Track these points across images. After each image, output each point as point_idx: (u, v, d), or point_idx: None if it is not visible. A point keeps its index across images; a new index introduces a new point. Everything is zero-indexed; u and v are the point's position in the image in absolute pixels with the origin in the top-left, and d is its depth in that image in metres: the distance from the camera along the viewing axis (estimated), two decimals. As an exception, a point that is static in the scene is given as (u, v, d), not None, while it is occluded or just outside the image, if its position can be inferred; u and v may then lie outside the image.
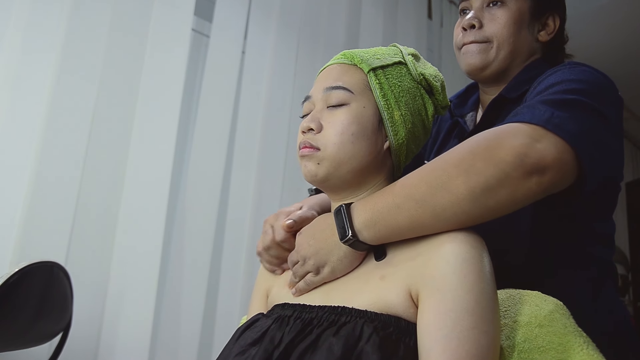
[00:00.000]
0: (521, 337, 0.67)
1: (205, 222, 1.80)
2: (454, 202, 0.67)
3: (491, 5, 1.05)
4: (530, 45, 1.06)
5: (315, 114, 0.79)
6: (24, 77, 1.44)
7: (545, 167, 0.68)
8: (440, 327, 0.62)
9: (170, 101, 1.72)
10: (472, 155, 0.69)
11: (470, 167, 0.68)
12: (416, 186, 0.70)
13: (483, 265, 0.66)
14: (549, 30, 1.07)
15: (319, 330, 0.66)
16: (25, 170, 1.41)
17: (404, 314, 0.67)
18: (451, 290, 0.63)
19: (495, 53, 1.03)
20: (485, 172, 0.67)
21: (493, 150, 0.68)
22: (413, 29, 2.69)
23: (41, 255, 1.27)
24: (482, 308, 0.63)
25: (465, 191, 0.67)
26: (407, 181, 0.73)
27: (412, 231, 0.71)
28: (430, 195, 0.68)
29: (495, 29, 1.03)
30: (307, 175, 0.77)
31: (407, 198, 0.70)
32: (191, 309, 1.72)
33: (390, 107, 0.78)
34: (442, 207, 0.68)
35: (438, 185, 0.69)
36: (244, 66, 2.00)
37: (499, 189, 0.67)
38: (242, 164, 1.93)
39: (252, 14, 2.05)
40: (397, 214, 0.70)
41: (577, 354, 0.63)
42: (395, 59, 0.83)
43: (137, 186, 1.62)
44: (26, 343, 1.19)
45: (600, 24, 3.24)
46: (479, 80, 1.12)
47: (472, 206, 0.68)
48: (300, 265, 0.77)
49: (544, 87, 0.85)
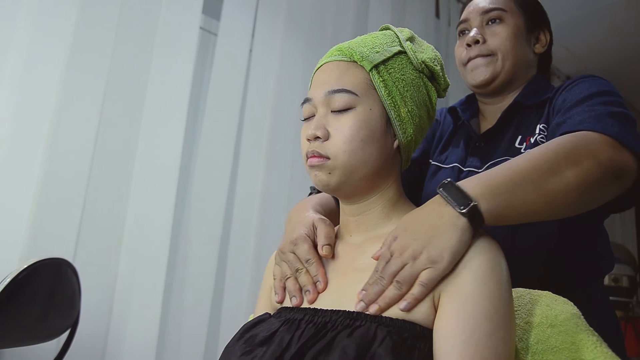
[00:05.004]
0: (534, 339, 0.67)
1: (212, 221, 1.80)
2: (564, 192, 0.72)
3: (490, 23, 1.14)
4: (528, 57, 1.15)
5: (320, 120, 0.75)
6: (32, 75, 1.44)
7: (625, 175, 0.79)
8: (458, 332, 0.61)
9: (178, 99, 1.73)
10: (576, 152, 0.75)
11: (578, 162, 0.74)
12: (529, 171, 0.72)
13: (502, 273, 0.65)
14: (542, 43, 1.18)
15: (334, 333, 0.64)
16: (33, 167, 1.41)
17: (423, 320, 0.65)
18: (472, 297, 0.63)
19: (502, 64, 1.11)
20: (591, 169, 0.74)
21: (594, 152, 0.76)
22: (421, 28, 2.68)
23: (49, 252, 1.27)
24: (500, 315, 0.62)
25: (575, 183, 0.72)
26: (519, 165, 0.74)
27: (521, 215, 0.72)
28: (545, 181, 0.71)
29: (498, 43, 1.11)
30: (319, 184, 0.76)
31: (524, 180, 0.71)
32: (198, 307, 1.73)
33: (397, 105, 0.76)
34: (554, 195, 0.72)
35: (551, 173, 0.72)
36: (252, 64, 2.00)
37: (598, 187, 0.76)
38: (250, 162, 1.93)
39: (259, 12, 2.05)
40: (514, 193, 0.70)
41: (590, 352, 0.62)
42: (394, 48, 0.80)
43: (144, 183, 1.62)
44: (34, 339, 1.19)
45: (601, 25, 3.23)
46: (484, 93, 1.18)
47: (578, 198, 0.74)
48: (409, 267, 0.66)
49: (583, 97, 0.93)
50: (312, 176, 0.76)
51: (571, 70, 3.85)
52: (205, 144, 1.82)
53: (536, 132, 1.05)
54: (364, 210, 0.79)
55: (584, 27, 3.25)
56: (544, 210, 0.73)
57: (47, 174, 1.42)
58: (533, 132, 1.07)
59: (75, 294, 1.25)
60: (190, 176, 1.84)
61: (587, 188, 0.74)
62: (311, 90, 0.79)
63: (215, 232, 1.80)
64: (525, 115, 1.10)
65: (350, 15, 2.32)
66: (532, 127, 1.08)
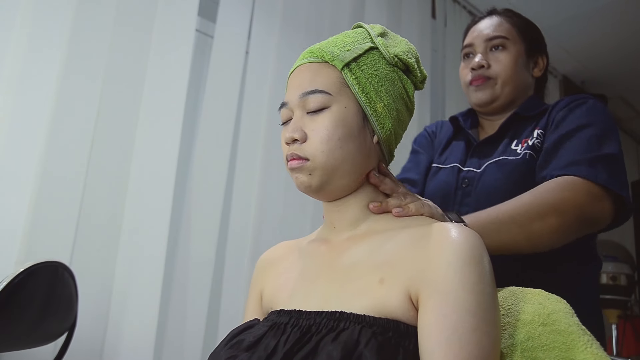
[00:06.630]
0: (524, 336, 0.67)
1: (209, 223, 1.80)
2: (547, 235, 0.92)
3: (493, 50, 1.25)
4: (527, 80, 1.26)
5: (297, 123, 0.76)
6: (29, 78, 1.44)
7: (602, 221, 1.00)
8: (441, 329, 0.61)
9: (174, 102, 1.73)
10: (562, 202, 0.94)
11: (564, 212, 0.93)
12: (517, 213, 0.92)
13: (483, 266, 0.65)
14: (540, 67, 1.29)
15: (318, 337, 0.64)
16: (30, 170, 1.41)
17: (404, 317, 0.65)
18: (452, 292, 0.62)
19: (501, 89, 1.22)
20: (574, 219, 0.94)
21: (579, 206, 0.94)
22: (417, 29, 2.68)
23: (46, 256, 1.28)
24: (483, 309, 0.62)
25: (557, 229, 0.92)
26: (508, 208, 0.93)
27: (501, 250, 0.90)
28: (530, 224, 0.91)
29: (500, 69, 1.22)
30: (301, 186, 0.76)
31: (511, 221, 0.91)
32: (195, 309, 1.73)
33: (372, 101, 0.76)
34: (537, 236, 0.92)
35: (536, 219, 0.91)
36: (248, 66, 2.00)
37: (576, 232, 0.96)
38: (246, 164, 1.93)
39: (255, 14, 2.05)
40: (499, 231, 0.90)
41: (581, 353, 0.62)
42: (365, 45, 0.80)
43: (141, 186, 1.62)
44: (31, 343, 1.19)
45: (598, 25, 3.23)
46: (485, 112, 1.29)
47: (557, 240, 0.94)
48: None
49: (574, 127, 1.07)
50: (294, 179, 0.77)
51: (568, 70, 3.85)
52: (202, 147, 1.83)
53: (534, 136, 1.14)
54: (347, 206, 0.80)
55: (581, 26, 3.26)
56: (525, 247, 0.93)
57: (44, 177, 1.42)
58: (530, 135, 1.15)
59: (72, 297, 1.25)
60: (187, 179, 1.84)
61: (567, 233, 0.95)
62: (287, 95, 0.80)
63: (212, 234, 1.80)
64: (522, 125, 1.21)
65: (346, 17, 2.32)
66: (528, 131, 1.18)
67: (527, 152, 1.12)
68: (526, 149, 1.13)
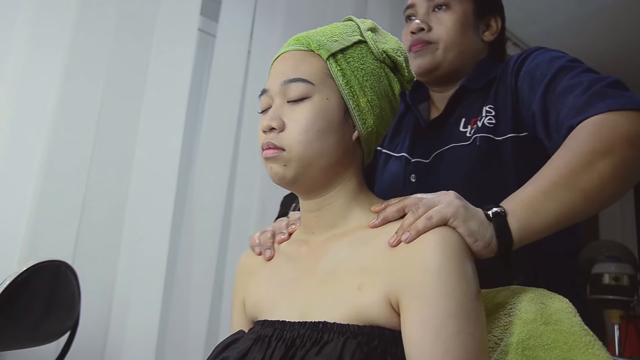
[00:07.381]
0: (526, 334, 0.66)
1: (211, 222, 1.80)
2: (600, 186, 0.72)
3: (436, 10, 1.08)
4: (476, 46, 1.09)
5: (276, 111, 0.73)
6: (32, 77, 1.44)
7: None
8: (424, 335, 0.59)
9: (177, 101, 1.73)
10: (603, 141, 0.74)
11: (610, 151, 0.72)
12: (560, 175, 0.72)
13: (463, 265, 0.62)
14: (492, 30, 1.12)
15: (303, 352, 0.62)
16: (32, 170, 1.42)
17: (387, 323, 0.63)
18: (432, 296, 0.60)
19: (443, 54, 1.06)
20: (625, 153, 0.73)
21: (624, 135, 0.74)
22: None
23: (49, 255, 1.28)
24: (466, 310, 0.60)
25: (611, 172, 0.72)
26: (548, 172, 0.74)
27: (561, 222, 0.72)
28: (578, 180, 0.72)
29: (442, 32, 1.06)
30: (275, 177, 0.73)
31: (557, 186, 0.72)
32: (197, 308, 1.73)
33: (355, 95, 0.73)
34: (591, 190, 0.71)
35: (582, 170, 0.72)
36: (250, 66, 2.00)
37: (634, 169, 0.75)
38: (248, 163, 1.94)
39: (257, 13, 2.05)
40: (549, 202, 0.70)
41: (582, 354, 0.62)
42: (354, 37, 0.77)
43: (143, 185, 1.62)
44: (34, 342, 1.19)
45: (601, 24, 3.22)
46: (429, 82, 1.13)
47: (617, 186, 0.73)
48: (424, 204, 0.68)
49: (557, 69, 0.89)
50: (268, 169, 0.74)
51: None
52: (204, 146, 1.83)
53: (482, 115, 1.01)
54: (324, 205, 0.76)
55: (580, 26, 3.25)
56: (584, 208, 0.73)
57: (46, 176, 1.43)
58: (478, 114, 1.03)
59: (74, 296, 1.25)
60: (189, 178, 1.84)
61: (625, 173, 0.74)
62: (268, 81, 0.76)
63: (214, 233, 1.80)
64: (471, 99, 1.06)
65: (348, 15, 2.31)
66: (476, 109, 1.03)
67: (477, 135, 0.99)
68: (476, 132, 1.00)
